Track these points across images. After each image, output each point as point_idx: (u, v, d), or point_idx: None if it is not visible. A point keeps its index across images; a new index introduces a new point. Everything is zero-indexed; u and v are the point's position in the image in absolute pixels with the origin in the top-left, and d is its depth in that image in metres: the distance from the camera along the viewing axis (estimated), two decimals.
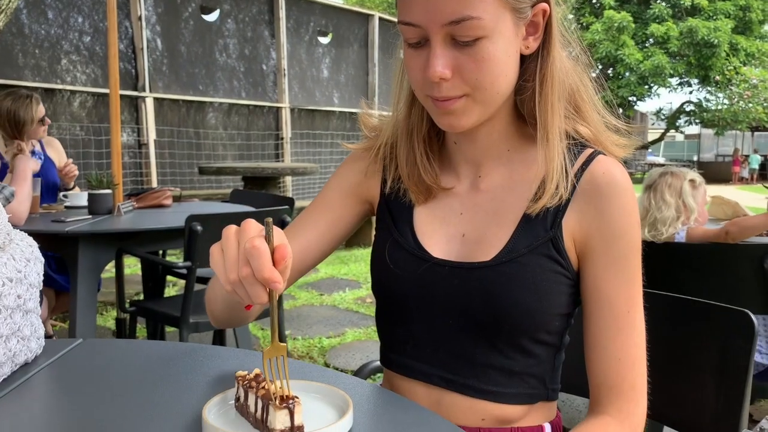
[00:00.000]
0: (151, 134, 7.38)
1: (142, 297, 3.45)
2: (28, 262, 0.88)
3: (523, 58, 0.84)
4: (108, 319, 3.94)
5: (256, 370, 0.72)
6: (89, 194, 2.73)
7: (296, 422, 0.62)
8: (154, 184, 7.25)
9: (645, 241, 2.09)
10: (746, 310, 0.97)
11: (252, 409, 0.66)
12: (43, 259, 0.93)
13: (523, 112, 0.89)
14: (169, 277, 3.45)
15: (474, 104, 0.82)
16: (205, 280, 3.02)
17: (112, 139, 2.95)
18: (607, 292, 0.85)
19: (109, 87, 2.91)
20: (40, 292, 0.92)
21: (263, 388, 0.65)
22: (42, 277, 0.91)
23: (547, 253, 0.85)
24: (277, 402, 0.62)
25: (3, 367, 0.82)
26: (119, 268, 2.55)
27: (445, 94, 0.80)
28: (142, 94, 7.33)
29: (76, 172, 3.12)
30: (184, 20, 7.97)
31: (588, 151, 0.88)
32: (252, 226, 0.65)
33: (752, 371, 0.97)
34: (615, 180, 0.85)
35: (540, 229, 0.86)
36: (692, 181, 2.18)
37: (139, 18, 7.29)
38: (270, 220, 0.63)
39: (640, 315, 0.86)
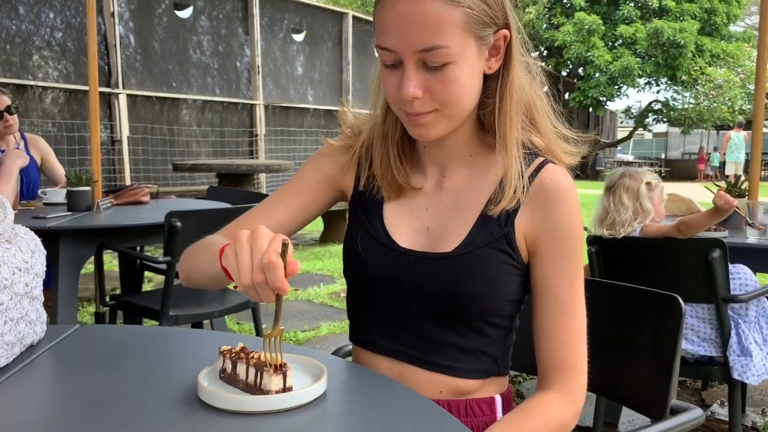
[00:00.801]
0: (124, 131, 7.38)
1: (118, 292, 3.51)
2: (33, 253, 0.97)
3: (486, 77, 0.96)
4: (84, 315, 3.99)
5: (241, 344, 0.83)
6: (68, 191, 2.78)
7: (288, 384, 0.75)
8: (128, 181, 7.25)
9: (603, 237, 2.23)
10: (676, 295, 1.11)
11: (243, 376, 0.77)
12: (45, 251, 1.02)
13: (485, 123, 1.01)
14: (146, 273, 3.51)
15: (442, 118, 0.93)
16: None
17: (91, 135, 3.01)
18: (553, 284, 0.97)
19: (88, 84, 2.96)
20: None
21: (255, 357, 0.77)
22: (45, 267, 1.01)
23: (500, 247, 0.97)
24: (272, 369, 0.75)
25: (14, 347, 0.91)
26: (99, 263, 2.62)
27: (417, 110, 0.92)
28: (115, 90, 7.32)
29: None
30: (157, 16, 7.97)
31: (539, 160, 1.00)
32: (263, 233, 0.76)
33: (680, 349, 1.10)
34: (562, 186, 0.97)
35: (495, 226, 0.98)
36: (648, 183, 2.29)
37: (112, 14, 7.28)
38: (288, 240, 0.75)
39: (582, 303, 0.98)
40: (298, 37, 10.05)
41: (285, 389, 0.76)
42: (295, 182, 1.13)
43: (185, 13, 8.35)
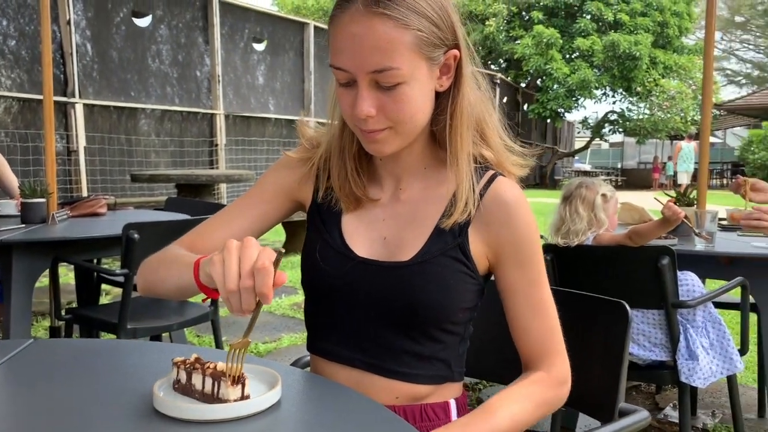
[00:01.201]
0: (81, 141, 7.24)
1: (74, 306, 3.44)
2: None
3: (438, 94, 1.00)
4: (39, 329, 3.89)
5: (195, 355, 0.84)
6: (22, 203, 2.72)
7: (245, 393, 0.77)
8: (84, 192, 7.11)
9: (557, 245, 2.29)
10: (623, 302, 1.15)
11: (199, 386, 0.78)
12: None
13: (438, 139, 1.04)
14: (103, 286, 3.45)
15: (395, 135, 0.97)
16: None
17: (46, 146, 2.95)
18: (522, 288, 1.02)
19: (43, 94, 2.91)
20: None
21: (212, 367, 0.78)
22: None
23: (455, 256, 1.01)
24: (230, 379, 0.76)
25: None
26: (54, 276, 2.57)
27: (371, 128, 0.95)
28: (72, 100, 7.19)
29: None
30: (115, 25, 7.86)
31: (489, 173, 1.04)
32: (252, 243, 0.79)
33: (627, 353, 1.14)
34: (514, 197, 1.02)
35: (449, 237, 1.01)
36: (604, 195, 2.35)
37: (68, 22, 7.15)
38: (283, 250, 0.78)
39: (551, 298, 1.04)
40: (259, 47, 10.02)
41: (243, 397, 0.77)
42: (253, 193, 1.15)
43: (144, 22, 8.25)
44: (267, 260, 0.75)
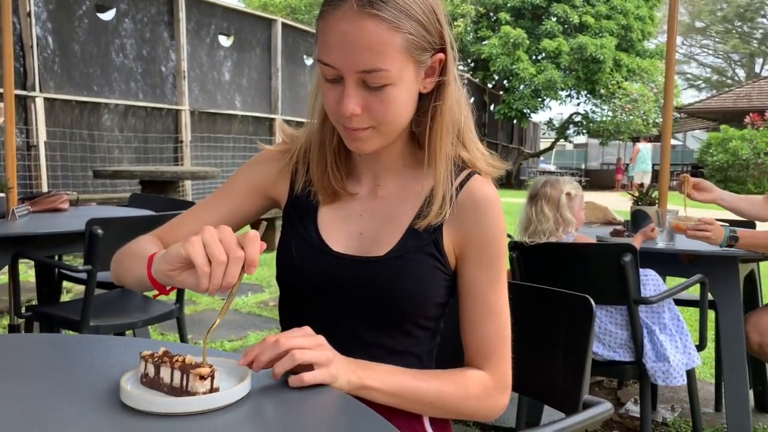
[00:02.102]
0: (41, 136, 7.07)
1: (35, 303, 3.36)
2: None
3: (420, 95, 1.01)
4: None
5: (163, 348, 0.83)
6: None
7: (214, 385, 0.77)
8: (45, 188, 6.95)
9: (524, 243, 2.32)
10: (587, 296, 1.18)
11: (167, 380, 0.77)
12: None
13: (419, 139, 1.05)
14: (64, 283, 3.38)
15: (377, 135, 0.98)
16: (105, 285, 2.99)
17: (6, 140, 2.88)
18: (480, 287, 1.03)
19: (3, 87, 2.84)
20: None
21: (180, 360, 0.77)
22: None
23: (429, 251, 1.02)
24: (198, 373, 0.76)
25: None
26: (14, 273, 2.51)
27: (355, 126, 0.96)
28: (32, 93, 7.01)
29: None
30: (78, 18, 7.68)
31: (466, 171, 1.06)
32: (229, 228, 0.82)
33: (591, 347, 1.17)
34: (488, 196, 1.04)
35: (425, 233, 1.03)
36: (568, 194, 2.37)
37: (28, 14, 6.97)
38: (265, 222, 0.80)
39: (506, 303, 1.05)
40: (226, 43, 9.91)
41: (212, 390, 0.77)
42: (225, 188, 1.15)
43: (107, 16, 8.09)
44: (253, 231, 0.78)
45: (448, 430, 1.11)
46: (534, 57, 20.88)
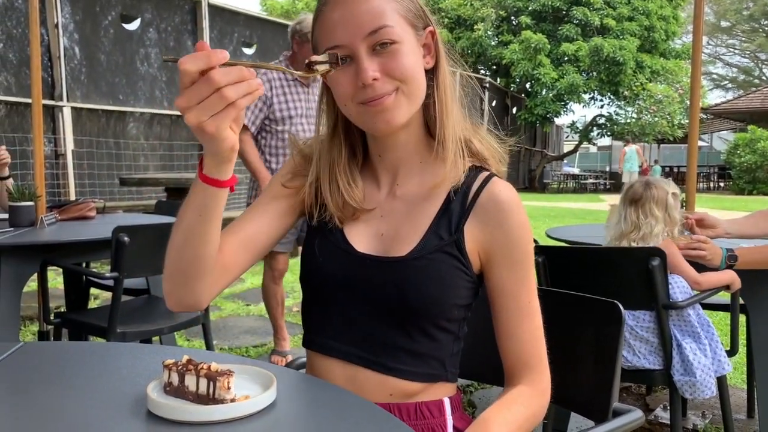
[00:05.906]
0: (68, 145, 7.19)
1: (63, 310, 3.41)
2: None
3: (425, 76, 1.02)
4: (27, 334, 3.86)
5: (186, 357, 0.83)
6: (10, 206, 2.70)
7: (242, 393, 0.78)
8: (72, 196, 7.06)
9: (549, 247, 2.28)
10: (616, 302, 1.15)
11: (193, 388, 0.77)
12: None
13: (430, 127, 1.06)
14: (92, 290, 3.43)
15: (403, 97, 0.98)
16: (131, 292, 3.02)
17: (34, 149, 2.93)
18: (511, 289, 1.03)
19: (31, 97, 2.89)
20: None
21: (205, 368, 0.77)
22: None
23: (451, 252, 1.02)
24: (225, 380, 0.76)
25: None
26: (43, 280, 2.54)
27: (379, 93, 0.96)
28: (60, 103, 7.13)
29: (8, 159, 3.04)
30: (103, 28, 7.81)
31: (485, 174, 1.06)
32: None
33: (621, 353, 1.14)
34: (510, 198, 1.03)
35: (445, 233, 1.02)
36: (674, 194, 2.29)
37: (56, 25, 7.10)
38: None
39: (537, 303, 1.05)
40: (249, 51, 9.99)
41: (238, 398, 0.77)
42: (266, 194, 1.12)
43: (133, 26, 8.21)
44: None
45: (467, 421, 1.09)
46: (556, 60, 20.73)
